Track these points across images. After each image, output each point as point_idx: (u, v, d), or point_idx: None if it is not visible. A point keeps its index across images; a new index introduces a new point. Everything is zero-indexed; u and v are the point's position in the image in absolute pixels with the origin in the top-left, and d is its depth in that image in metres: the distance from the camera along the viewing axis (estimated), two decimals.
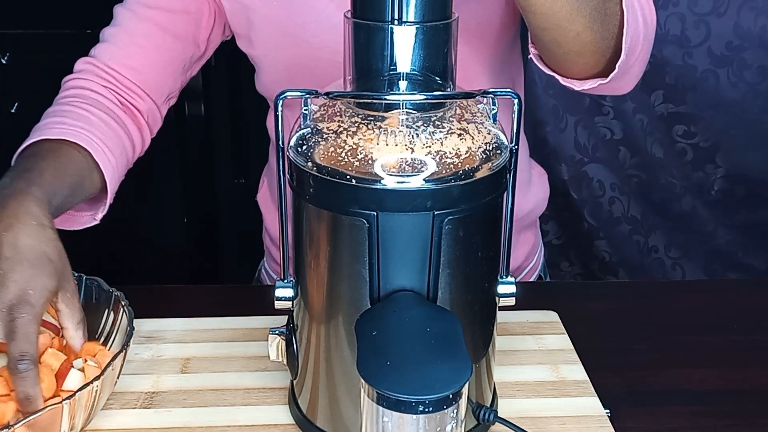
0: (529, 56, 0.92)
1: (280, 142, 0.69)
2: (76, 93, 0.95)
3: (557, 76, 0.89)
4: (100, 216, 0.92)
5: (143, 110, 0.99)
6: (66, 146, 0.87)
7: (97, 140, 0.89)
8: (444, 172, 0.65)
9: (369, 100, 0.67)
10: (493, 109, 0.70)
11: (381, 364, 0.60)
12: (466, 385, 0.60)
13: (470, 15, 0.95)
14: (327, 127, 0.68)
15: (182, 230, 2.17)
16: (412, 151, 0.65)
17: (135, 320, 0.79)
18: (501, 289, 0.73)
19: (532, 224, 1.18)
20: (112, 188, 0.90)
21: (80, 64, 0.98)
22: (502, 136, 0.70)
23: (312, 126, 0.68)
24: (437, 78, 0.68)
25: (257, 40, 0.99)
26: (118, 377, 0.76)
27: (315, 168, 0.66)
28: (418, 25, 0.65)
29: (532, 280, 1.19)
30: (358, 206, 0.65)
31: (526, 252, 1.17)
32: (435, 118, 0.67)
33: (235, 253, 2.25)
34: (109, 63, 0.97)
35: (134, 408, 0.79)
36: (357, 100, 0.68)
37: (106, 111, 0.94)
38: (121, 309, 0.81)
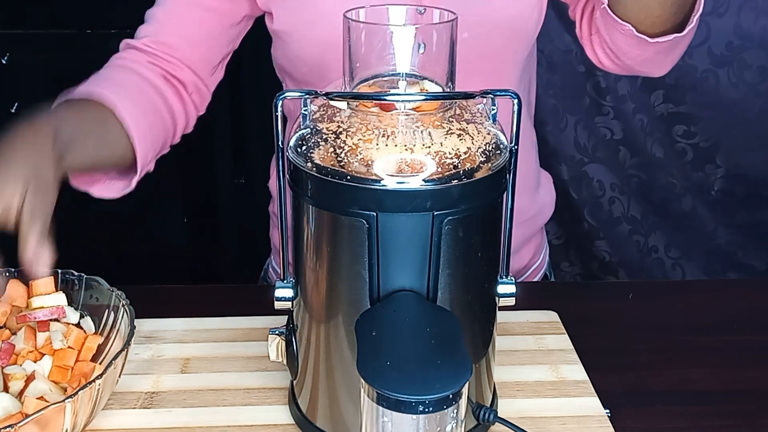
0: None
1: (280, 143, 0.69)
2: (117, 63, 0.99)
3: (630, 27, 0.92)
4: (134, 183, 0.94)
5: (186, 82, 1.02)
6: (91, 103, 0.90)
7: (125, 100, 0.91)
8: (444, 172, 0.65)
9: (368, 100, 0.67)
10: (493, 109, 0.70)
11: (381, 364, 0.60)
12: (466, 385, 0.60)
13: (507, 8, 0.96)
14: (326, 128, 0.68)
15: (182, 230, 2.17)
16: (412, 151, 0.65)
17: (135, 320, 0.79)
18: (501, 289, 0.73)
19: (539, 230, 1.19)
20: (141, 150, 0.92)
21: (123, 44, 1.02)
22: (502, 137, 0.70)
23: (311, 126, 0.69)
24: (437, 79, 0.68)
25: (289, 14, 0.99)
26: (119, 376, 0.76)
27: (314, 168, 0.66)
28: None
29: (538, 278, 1.20)
30: (357, 207, 0.65)
31: (532, 251, 1.18)
32: (434, 118, 0.67)
33: (235, 252, 2.25)
34: (147, 42, 1.01)
35: (134, 408, 0.79)
36: (354, 101, 0.68)
37: (144, 78, 0.97)
38: (122, 308, 0.81)
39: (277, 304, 0.74)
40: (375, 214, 0.65)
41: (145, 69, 0.99)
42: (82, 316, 0.83)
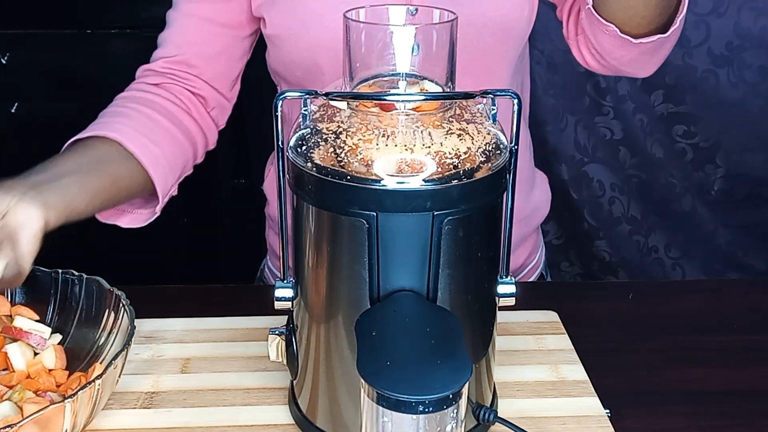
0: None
1: (280, 143, 0.69)
2: (125, 95, 0.99)
3: (614, 28, 0.92)
4: (159, 210, 0.95)
5: (208, 98, 1.03)
6: (96, 141, 0.90)
7: (132, 132, 0.92)
8: (444, 172, 0.65)
9: (368, 100, 0.67)
10: (493, 109, 0.70)
11: (381, 364, 0.60)
12: (466, 385, 0.60)
13: (497, 8, 0.96)
14: (326, 128, 0.68)
15: (182, 230, 2.17)
16: (412, 151, 0.65)
17: (135, 320, 0.79)
18: (501, 289, 0.73)
19: (535, 229, 1.19)
20: (158, 177, 0.92)
21: (139, 71, 1.03)
22: (502, 137, 0.70)
23: (311, 126, 0.69)
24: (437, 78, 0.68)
25: (281, 17, 0.99)
26: (119, 376, 0.76)
27: (315, 168, 0.66)
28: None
29: (534, 278, 1.20)
30: (357, 207, 0.65)
31: (528, 250, 1.18)
32: (434, 118, 0.67)
33: (235, 253, 2.25)
34: (163, 64, 1.02)
35: (134, 408, 0.80)
36: (354, 101, 0.68)
37: (151, 105, 0.97)
38: (122, 308, 0.81)
39: (277, 304, 0.74)
40: (375, 214, 0.65)
41: (154, 96, 0.99)
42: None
